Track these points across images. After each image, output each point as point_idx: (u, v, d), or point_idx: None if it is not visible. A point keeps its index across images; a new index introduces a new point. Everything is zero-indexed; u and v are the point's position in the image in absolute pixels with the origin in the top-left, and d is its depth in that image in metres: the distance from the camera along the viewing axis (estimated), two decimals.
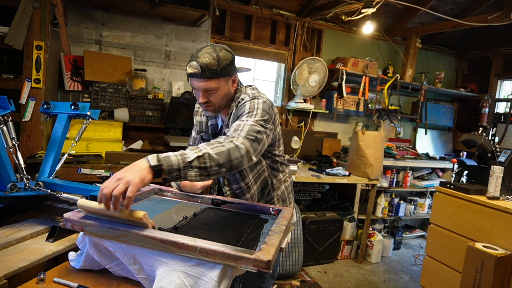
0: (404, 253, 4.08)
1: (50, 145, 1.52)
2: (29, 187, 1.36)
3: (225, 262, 0.92)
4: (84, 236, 1.06)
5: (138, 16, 3.22)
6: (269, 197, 1.70)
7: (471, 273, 2.03)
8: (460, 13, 3.93)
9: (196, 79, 1.39)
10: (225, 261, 0.92)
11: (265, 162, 1.63)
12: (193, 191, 1.52)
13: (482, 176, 2.47)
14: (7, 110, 1.35)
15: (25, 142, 2.40)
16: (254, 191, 1.61)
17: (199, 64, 1.37)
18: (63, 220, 1.05)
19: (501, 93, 4.69)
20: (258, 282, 1.76)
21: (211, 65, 1.38)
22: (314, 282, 3.11)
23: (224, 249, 0.92)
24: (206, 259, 0.93)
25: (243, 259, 0.91)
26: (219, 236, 1.10)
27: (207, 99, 1.45)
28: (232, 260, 0.91)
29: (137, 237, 0.98)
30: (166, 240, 0.95)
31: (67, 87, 2.93)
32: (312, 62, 3.70)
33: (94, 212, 1.04)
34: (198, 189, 1.52)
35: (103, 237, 1.02)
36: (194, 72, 1.38)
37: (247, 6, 3.66)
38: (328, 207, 3.63)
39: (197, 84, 1.42)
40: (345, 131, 4.39)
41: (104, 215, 1.02)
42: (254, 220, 1.31)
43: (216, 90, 1.43)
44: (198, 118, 1.69)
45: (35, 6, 2.35)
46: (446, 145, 4.98)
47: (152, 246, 0.97)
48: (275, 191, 1.70)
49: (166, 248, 0.95)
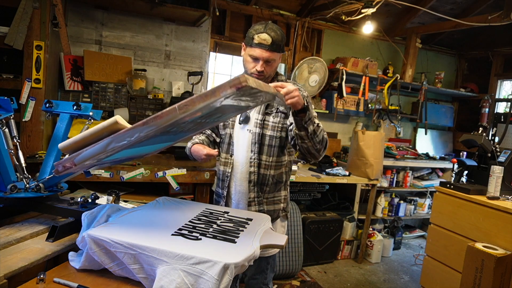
0: (404, 253, 4.08)
1: (52, 144, 1.52)
2: (29, 188, 1.36)
3: (206, 101, 0.91)
4: (84, 236, 1.06)
5: (138, 16, 3.22)
6: (279, 194, 1.78)
7: (471, 273, 2.03)
8: (460, 13, 3.93)
9: (263, 49, 1.55)
10: (204, 101, 0.91)
11: (287, 157, 1.78)
12: (198, 157, 1.65)
13: (482, 176, 2.47)
14: (10, 112, 1.35)
15: (25, 142, 2.40)
16: (269, 174, 1.71)
17: (271, 37, 1.54)
18: (55, 168, 1.03)
19: (501, 93, 4.69)
20: (261, 278, 1.77)
21: (279, 40, 1.57)
22: (314, 282, 3.11)
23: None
24: (187, 113, 0.92)
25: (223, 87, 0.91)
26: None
27: (263, 68, 1.59)
28: (211, 95, 0.91)
29: (119, 137, 0.97)
30: (147, 121, 0.94)
31: (67, 87, 2.93)
32: (312, 62, 3.70)
33: (76, 144, 1.05)
34: (203, 155, 1.62)
35: (92, 158, 1.01)
36: (264, 43, 1.54)
37: (247, 6, 3.66)
38: (328, 207, 3.63)
39: (261, 54, 1.56)
40: (345, 131, 4.39)
41: (84, 139, 1.04)
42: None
43: (273, 62, 1.60)
44: None
45: (35, 6, 2.35)
46: (446, 145, 4.98)
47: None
48: (286, 190, 1.83)
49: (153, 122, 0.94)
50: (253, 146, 1.68)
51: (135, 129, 0.95)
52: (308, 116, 1.42)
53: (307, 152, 1.56)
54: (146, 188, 2.64)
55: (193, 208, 1.42)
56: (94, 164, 1.13)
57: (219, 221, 1.30)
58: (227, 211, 1.44)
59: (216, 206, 1.55)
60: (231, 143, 1.73)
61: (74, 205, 1.39)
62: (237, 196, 1.76)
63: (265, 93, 1.11)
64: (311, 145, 1.51)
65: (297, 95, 1.33)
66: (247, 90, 0.96)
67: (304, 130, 1.46)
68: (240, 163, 1.72)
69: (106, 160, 1.12)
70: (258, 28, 1.58)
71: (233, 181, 1.77)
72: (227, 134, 1.74)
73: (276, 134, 1.68)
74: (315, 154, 1.56)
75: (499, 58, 4.59)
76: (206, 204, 1.52)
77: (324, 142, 1.55)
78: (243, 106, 1.22)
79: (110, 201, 1.52)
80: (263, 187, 1.71)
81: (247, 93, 0.99)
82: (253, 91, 1.00)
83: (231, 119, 1.72)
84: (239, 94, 0.95)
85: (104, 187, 2.46)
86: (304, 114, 1.42)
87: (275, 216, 1.77)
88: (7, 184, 1.33)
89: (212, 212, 1.41)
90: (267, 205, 1.74)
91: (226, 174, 1.75)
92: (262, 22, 1.63)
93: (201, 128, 1.33)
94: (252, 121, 1.68)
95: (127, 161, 1.42)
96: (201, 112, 0.97)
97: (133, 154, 1.30)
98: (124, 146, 0.99)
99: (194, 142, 1.74)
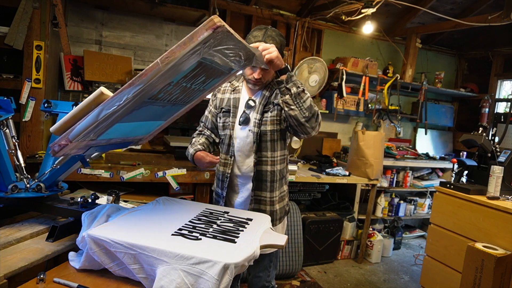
0: (404, 253, 4.08)
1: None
2: (30, 188, 1.36)
3: (185, 48, 0.92)
4: (84, 236, 1.06)
5: (138, 16, 3.22)
6: (282, 189, 1.79)
7: (471, 273, 2.03)
8: (460, 13, 3.93)
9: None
10: (184, 48, 0.92)
11: (287, 152, 1.79)
12: (201, 164, 1.70)
13: (482, 176, 2.47)
14: (10, 113, 1.35)
15: (25, 142, 2.40)
16: (276, 169, 1.73)
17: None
18: (52, 150, 1.02)
19: (501, 93, 4.69)
20: (265, 276, 1.78)
21: (278, 48, 1.54)
22: (314, 282, 3.11)
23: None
24: (169, 64, 0.92)
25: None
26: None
27: (261, 76, 1.62)
28: (189, 41, 0.91)
29: (108, 102, 0.97)
30: (133, 81, 0.95)
31: (67, 87, 2.93)
32: (312, 62, 3.70)
33: (66, 123, 1.04)
34: (206, 162, 1.67)
35: (87, 132, 1.01)
36: None
37: (247, 6, 3.66)
38: (328, 207, 3.63)
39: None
40: (345, 131, 4.39)
41: (74, 116, 1.04)
42: None
43: (270, 70, 1.59)
44: (220, 96, 1.82)
45: (35, 6, 2.35)
46: (446, 145, 4.98)
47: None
48: (287, 184, 1.84)
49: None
50: (255, 145, 1.69)
51: (122, 92, 0.96)
52: (289, 76, 1.48)
53: (297, 123, 1.54)
54: (146, 188, 2.64)
55: (193, 208, 1.42)
56: (90, 145, 1.12)
57: (219, 221, 1.30)
58: (227, 211, 1.44)
59: (216, 206, 1.56)
60: (231, 144, 1.73)
61: (74, 205, 1.38)
62: (238, 197, 1.78)
63: (244, 47, 1.13)
64: (298, 112, 1.50)
65: (274, 50, 1.41)
66: (224, 37, 0.97)
67: (288, 92, 1.48)
68: (241, 163, 1.73)
69: (101, 138, 1.13)
70: (257, 35, 1.59)
71: (233, 181, 1.77)
72: (227, 135, 1.75)
73: (276, 127, 1.69)
74: (305, 125, 1.53)
75: (499, 58, 4.59)
76: (206, 204, 1.52)
77: (312, 111, 1.52)
78: (225, 68, 1.25)
79: (110, 201, 1.52)
80: (270, 184, 1.72)
81: (224, 41, 1.00)
82: (230, 42, 1.02)
83: (231, 121, 1.73)
84: (217, 39, 0.96)
85: (104, 187, 2.46)
86: (285, 76, 1.48)
87: (284, 213, 1.81)
88: (7, 184, 1.33)
89: (212, 212, 1.41)
90: (278, 204, 1.76)
91: (226, 175, 1.76)
92: (262, 27, 1.62)
93: (188, 100, 1.34)
94: (252, 121, 1.69)
95: (124, 147, 1.42)
96: (183, 66, 0.98)
97: (126, 135, 1.31)
98: (115, 112, 0.99)
99: (196, 148, 1.74)
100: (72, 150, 1.06)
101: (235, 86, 1.79)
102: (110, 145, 1.27)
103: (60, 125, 1.04)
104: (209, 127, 1.87)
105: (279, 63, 1.45)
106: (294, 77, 1.50)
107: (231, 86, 1.80)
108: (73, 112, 1.05)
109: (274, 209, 1.74)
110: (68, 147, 1.02)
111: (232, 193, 1.80)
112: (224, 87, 1.82)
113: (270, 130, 1.69)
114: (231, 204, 1.80)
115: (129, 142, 1.39)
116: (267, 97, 1.70)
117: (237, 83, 1.79)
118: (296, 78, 1.51)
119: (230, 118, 1.73)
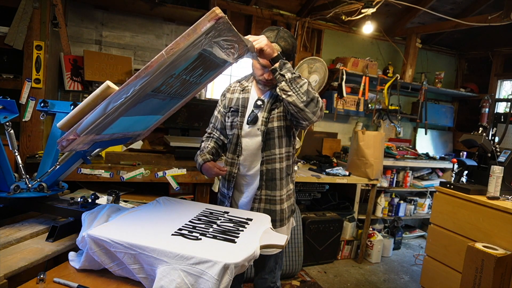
0: (404, 253, 4.08)
1: (49, 144, 1.52)
2: (31, 188, 1.36)
3: (189, 40, 0.96)
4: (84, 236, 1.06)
5: (138, 16, 3.22)
6: (289, 187, 1.79)
7: (471, 273, 2.03)
8: (460, 13, 3.93)
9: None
10: (187, 39, 0.96)
11: (292, 149, 1.78)
12: (209, 174, 1.71)
13: (482, 176, 2.47)
14: (15, 114, 1.36)
15: (25, 142, 2.40)
16: (283, 167, 1.73)
17: (281, 47, 1.60)
18: (60, 145, 1.03)
19: (501, 93, 4.69)
20: (271, 277, 1.78)
21: (289, 50, 1.63)
22: (314, 282, 3.11)
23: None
24: (174, 56, 0.96)
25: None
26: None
27: (271, 77, 1.61)
28: (193, 32, 0.95)
29: (116, 95, 1.00)
30: (139, 73, 0.98)
31: (67, 87, 2.93)
32: (312, 62, 3.70)
33: (74, 118, 1.05)
34: (213, 173, 1.68)
35: (94, 125, 1.02)
36: None
37: (247, 6, 3.66)
38: (328, 207, 3.63)
39: (270, 63, 1.54)
40: (345, 131, 4.39)
41: (81, 110, 1.05)
42: None
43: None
44: (229, 96, 1.82)
45: (35, 6, 2.35)
46: (446, 145, 4.98)
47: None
48: (293, 183, 1.83)
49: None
50: (263, 143, 1.69)
51: (129, 84, 0.99)
52: (282, 63, 1.47)
53: (296, 109, 1.50)
54: (146, 188, 2.64)
55: (193, 208, 1.42)
56: (95, 140, 1.14)
57: (219, 221, 1.30)
58: (227, 211, 1.44)
59: (216, 206, 1.55)
60: (239, 144, 1.73)
61: (74, 205, 1.39)
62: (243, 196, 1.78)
63: (239, 40, 1.16)
64: (296, 97, 1.48)
65: (264, 39, 1.42)
66: (224, 28, 1.02)
67: (283, 78, 1.47)
68: (248, 163, 1.73)
69: (105, 133, 1.14)
70: (269, 35, 1.60)
71: (239, 181, 1.77)
72: (235, 135, 1.74)
73: (282, 123, 1.69)
74: (305, 110, 1.50)
75: (499, 58, 4.59)
76: (206, 204, 1.52)
77: (310, 95, 1.49)
78: (220, 61, 1.26)
79: (110, 201, 1.52)
80: (279, 181, 1.72)
81: (223, 32, 1.04)
82: (229, 33, 1.06)
83: (239, 120, 1.73)
84: (217, 30, 1.00)
85: (104, 187, 2.46)
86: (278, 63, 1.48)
87: (291, 213, 1.82)
88: (9, 185, 1.33)
89: (212, 212, 1.41)
90: (286, 202, 1.77)
91: (233, 174, 1.75)
92: (274, 28, 1.63)
93: (185, 93, 1.35)
94: (260, 120, 1.69)
95: (124, 142, 1.43)
96: (186, 57, 1.02)
97: (127, 130, 1.32)
98: (122, 104, 1.01)
99: (205, 158, 1.73)
100: (78, 145, 1.07)
101: (244, 86, 1.78)
102: (112, 141, 1.28)
103: (67, 120, 1.05)
104: (218, 127, 1.86)
105: (270, 51, 1.44)
106: (288, 64, 1.50)
107: (241, 86, 1.79)
108: (80, 107, 1.06)
109: (283, 208, 1.74)
110: (75, 142, 1.03)
111: (237, 193, 1.79)
112: (233, 87, 1.82)
113: (277, 127, 1.69)
114: (236, 204, 1.80)
115: (128, 137, 1.40)
116: (275, 96, 1.70)
117: (247, 83, 1.78)
118: (290, 66, 1.50)
119: (239, 118, 1.73)
